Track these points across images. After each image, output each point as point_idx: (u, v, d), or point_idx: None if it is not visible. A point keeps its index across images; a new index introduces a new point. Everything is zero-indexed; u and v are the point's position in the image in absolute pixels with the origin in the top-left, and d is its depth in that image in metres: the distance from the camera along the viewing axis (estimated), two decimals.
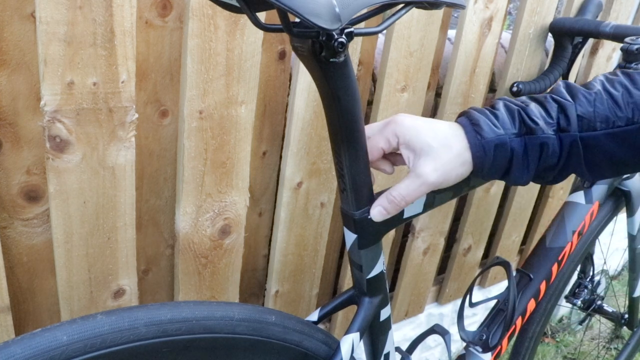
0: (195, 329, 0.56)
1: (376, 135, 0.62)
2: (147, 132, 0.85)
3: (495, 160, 0.59)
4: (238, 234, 0.92)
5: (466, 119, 0.60)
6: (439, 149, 0.58)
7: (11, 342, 0.47)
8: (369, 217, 0.63)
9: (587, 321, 1.83)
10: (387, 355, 0.78)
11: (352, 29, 0.50)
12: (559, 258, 0.99)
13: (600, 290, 1.41)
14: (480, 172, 0.60)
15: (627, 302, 1.40)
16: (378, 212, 0.62)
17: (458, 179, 0.60)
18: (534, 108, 0.60)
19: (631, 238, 1.23)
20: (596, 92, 0.60)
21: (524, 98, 0.63)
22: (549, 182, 0.64)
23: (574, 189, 1.07)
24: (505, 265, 0.90)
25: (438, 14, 0.99)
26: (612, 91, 0.59)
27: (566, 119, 0.59)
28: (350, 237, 0.66)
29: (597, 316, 1.55)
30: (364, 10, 0.50)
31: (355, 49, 0.92)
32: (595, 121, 0.59)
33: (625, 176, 1.09)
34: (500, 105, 0.61)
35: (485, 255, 1.56)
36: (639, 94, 0.59)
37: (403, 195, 0.60)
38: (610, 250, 2.08)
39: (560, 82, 0.63)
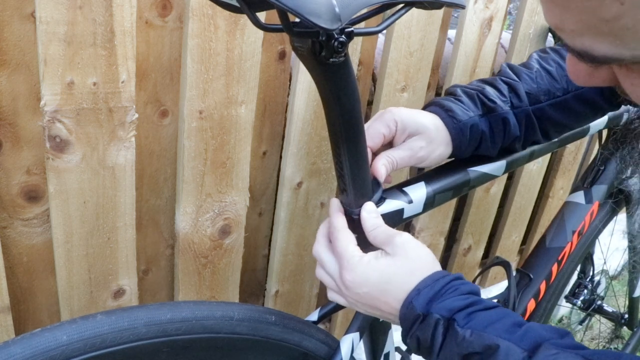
0: (195, 328, 0.56)
1: (375, 123, 0.66)
2: (147, 132, 0.85)
3: (470, 140, 0.67)
4: (238, 234, 0.92)
5: (438, 107, 0.67)
6: (431, 129, 0.65)
7: (11, 342, 0.47)
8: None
9: (587, 321, 1.83)
10: (387, 355, 0.78)
11: (352, 29, 0.50)
12: (559, 258, 0.99)
13: (600, 290, 1.41)
14: (458, 150, 0.68)
15: (627, 302, 1.40)
16: (382, 167, 0.65)
17: (439, 159, 0.67)
18: (489, 89, 0.69)
19: (631, 238, 1.23)
20: (536, 70, 0.71)
21: (475, 82, 0.72)
22: (517, 151, 0.75)
23: (574, 189, 1.07)
24: (505, 265, 0.90)
25: (438, 14, 0.99)
26: (548, 67, 0.72)
27: (517, 97, 0.69)
28: None
29: (597, 316, 1.55)
30: (364, 10, 0.50)
31: (355, 49, 0.92)
32: (539, 95, 0.70)
33: (625, 176, 1.09)
34: (460, 92, 0.69)
35: (485, 255, 1.56)
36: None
37: (397, 160, 0.65)
38: (610, 250, 2.08)
39: (503, 65, 0.73)
